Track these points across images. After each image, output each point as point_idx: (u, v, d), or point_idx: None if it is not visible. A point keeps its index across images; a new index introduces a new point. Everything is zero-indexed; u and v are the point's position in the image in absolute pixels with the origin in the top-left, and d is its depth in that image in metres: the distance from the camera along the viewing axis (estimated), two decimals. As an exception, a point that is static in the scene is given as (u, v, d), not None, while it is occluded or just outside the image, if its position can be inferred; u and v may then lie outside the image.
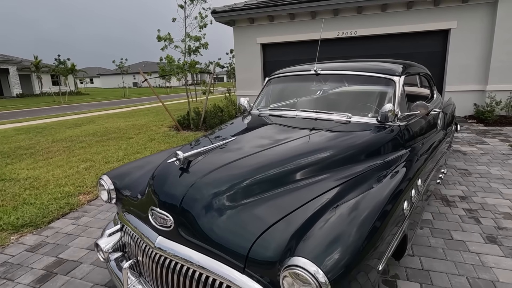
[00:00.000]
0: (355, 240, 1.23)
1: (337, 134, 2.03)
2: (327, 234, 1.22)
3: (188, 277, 1.38)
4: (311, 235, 1.22)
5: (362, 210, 1.39)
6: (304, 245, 1.16)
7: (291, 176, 1.60)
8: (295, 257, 1.10)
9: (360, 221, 1.32)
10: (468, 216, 2.86)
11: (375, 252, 1.30)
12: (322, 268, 1.07)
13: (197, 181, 1.46)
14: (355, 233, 1.25)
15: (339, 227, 1.27)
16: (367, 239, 1.26)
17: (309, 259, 1.09)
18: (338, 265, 1.12)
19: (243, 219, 1.38)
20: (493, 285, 1.99)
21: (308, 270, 1.07)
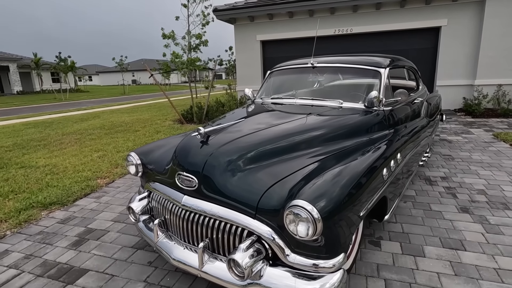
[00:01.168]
0: (342, 191, 1.59)
1: (330, 117, 2.39)
2: (320, 186, 1.59)
3: (209, 226, 1.75)
4: (308, 188, 1.59)
5: (349, 171, 1.76)
6: (302, 193, 1.53)
7: (290, 148, 1.96)
8: (296, 200, 1.47)
9: (346, 179, 1.69)
10: (447, 192, 3.24)
11: (357, 201, 1.67)
12: (316, 207, 1.44)
13: (215, 151, 1.82)
14: (342, 186, 1.62)
15: (330, 182, 1.64)
16: (351, 191, 1.63)
17: (306, 201, 1.45)
18: (328, 207, 1.49)
19: (253, 179, 1.74)
20: (460, 243, 2.37)
21: (306, 208, 1.43)
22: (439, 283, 1.96)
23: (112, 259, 2.38)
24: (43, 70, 31.85)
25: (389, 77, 2.79)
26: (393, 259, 2.21)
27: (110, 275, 2.19)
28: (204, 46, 8.64)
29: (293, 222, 1.48)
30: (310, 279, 1.53)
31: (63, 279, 2.17)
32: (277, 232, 1.57)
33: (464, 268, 2.08)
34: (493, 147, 4.69)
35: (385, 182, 2.01)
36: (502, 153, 4.38)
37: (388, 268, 2.11)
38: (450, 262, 2.14)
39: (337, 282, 1.53)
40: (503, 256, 2.18)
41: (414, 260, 2.18)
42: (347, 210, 1.59)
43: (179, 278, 2.12)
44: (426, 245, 2.35)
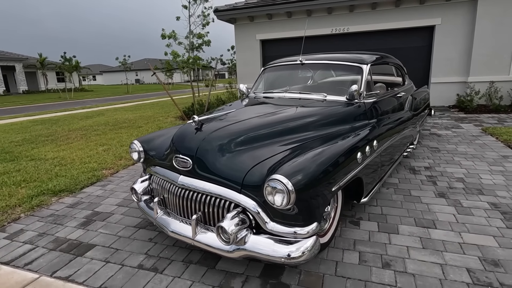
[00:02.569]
0: (315, 169, 1.84)
1: (312, 108, 2.64)
2: (296, 164, 1.84)
3: (201, 201, 2.01)
4: (285, 165, 1.83)
5: (323, 153, 2.00)
6: (280, 169, 1.78)
7: (274, 134, 2.19)
8: (274, 174, 1.72)
9: (320, 159, 1.93)
10: (428, 180, 3.47)
11: (329, 178, 1.91)
12: (291, 181, 1.68)
13: (207, 136, 2.08)
14: (316, 165, 1.87)
15: (305, 161, 1.88)
16: (323, 169, 1.88)
17: (283, 175, 1.70)
18: (302, 181, 1.73)
19: (239, 160, 1.98)
20: (432, 222, 2.60)
21: (282, 181, 1.68)
22: (407, 254, 2.19)
23: (116, 236, 2.64)
24: (48, 69, 32.30)
25: (371, 72, 3.02)
26: (369, 236, 2.44)
27: (115, 249, 2.45)
28: (207, 46, 8.89)
29: (271, 193, 1.73)
30: (287, 244, 1.78)
31: (73, 252, 2.43)
32: (258, 204, 1.82)
33: (432, 243, 2.31)
34: (480, 141, 4.90)
35: (359, 164, 2.24)
36: (487, 146, 4.59)
37: (363, 243, 2.35)
38: (420, 238, 2.38)
39: (310, 246, 1.77)
40: (469, 233, 2.41)
41: (388, 237, 2.42)
42: (319, 185, 1.83)
43: (176, 251, 2.37)
44: (401, 224, 2.59)
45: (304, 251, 1.76)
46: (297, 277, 2.01)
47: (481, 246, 2.24)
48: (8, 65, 31.37)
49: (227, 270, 2.12)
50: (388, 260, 2.14)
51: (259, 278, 2.02)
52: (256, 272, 2.09)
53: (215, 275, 2.08)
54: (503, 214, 2.66)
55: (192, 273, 2.11)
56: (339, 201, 2.41)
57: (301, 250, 1.76)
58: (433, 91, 8.18)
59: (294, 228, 1.79)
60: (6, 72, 32.01)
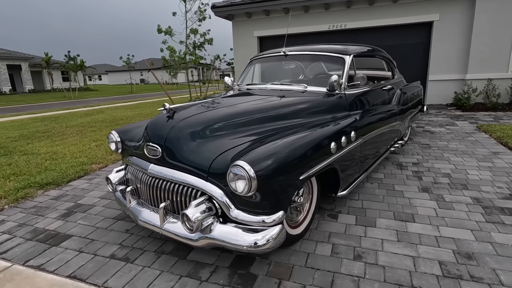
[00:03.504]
0: (280, 157, 1.81)
1: (291, 98, 2.61)
2: (261, 152, 1.82)
3: (170, 190, 2.00)
4: (251, 153, 1.81)
5: (292, 141, 1.98)
6: (244, 156, 1.76)
7: (245, 123, 2.17)
8: (237, 160, 1.70)
9: (287, 147, 1.91)
10: (414, 175, 3.42)
11: (296, 166, 1.89)
12: (254, 168, 1.66)
13: (176, 124, 2.07)
14: (282, 153, 1.85)
15: (272, 148, 1.86)
16: (290, 157, 1.86)
17: (245, 161, 1.68)
18: (264, 168, 1.71)
19: (207, 147, 1.97)
20: (411, 216, 2.56)
21: (244, 167, 1.66)
22: (381, 247, 2.16)
23: (94, 227, 2.65)
24: (53, 69, 32.66)
25: (354, 64, 2.99)
26: (345, 229, 2.41)
27: (90, 240, 2.45)
28: (209, 44, 8.91)
29: (233, 180, 1.71)
30: (252, 232, 1.76)
31: (49, 242, 2.44)
32: (224, 191, 1.80)
33: (407, 236, 2.27)
34: (472, 137, 4.82)
35: (333, 154, 2.21)
36: (479, 143, 4.52)
37: (338, 236, 2.32)
38: (397, 231, 2.34)
39: (275, 235, 1.75)
40: (446, 227, 2.36)
41: (364, 230, 2.39)
42: (284, 173, 1.81)
43: (151, 242, 2.37)
44: (379, 218, 2.55)
45: (269, 239, 1.74)
46: (266, 268, 1.99)
47: (457, 239, 2.20)
48: (14, 64, 31.76)
49: (197, 260, 2.11)
50: (361, 252, 2.11)
51: (228, 269, 2.01)
52: (226, 262, 2.07)
53: (185, 265, 2.07)
54: (484, 209, 2.61)
55: (162, 263, 2.11)
56: (315, 193, 2.38)
57: (266, 239, 1.74)
58: (431, 88, 8.10)
59: (259, 217, 1.78)
60: (13, 71, 32.41)
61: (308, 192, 2.34)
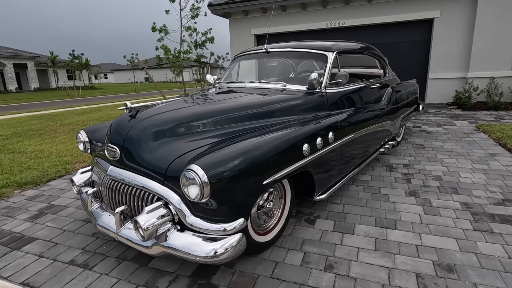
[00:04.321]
0: (240, 160, 1.66)
1: (266, 97, 2.46)
2: (219, 155, 1.68)
3: (128, 193, 1.87)
4: (208, 156, 1.67)
5: (256, 143, 1.83)
6: (200, 159, 1.62)
7: (209, 124, 2.02)
8: (191, 164, 1.57)
9: (249, 149, 1.76)
10: (403, 178, 3.25)
11: (261, 171, 1.74)
12: (207, 173, 1.53)
13: (136, 124, 1.94)
14: (242, 156, 1.70)
15: (232, 151, 1.72)
16: (251, 161, 1.71)
17: (199, 165, 1.55)
18: (220, 173, 1.57)
19: (166, 149, 1.84)
20: (394, 222, 2.40)
21: (197, 172, 1.53)
22: (356, 256, 2.01)
23: (61, 230, 2.54)
24: (59, 67, 32.89)
25: (338, 61, 2.83)
26: (321, 235, 2.26)
27: (54, 243, 2.34)
28: (211, 43, 8.75)
29: (186, 185, 1.58)
30: (211, 241, 1.63)
31: (11, 245, 2.34)
32: (180, 197, 1.67)
33: (386, 244, 2.12)
34: (470, 138, 4.62)
35: (306, 157, 2.06)
36: (476, 143, 4.32)
37: (312, 243, 2.17)
38: (375, 239, 2.19)
39: (234, 243, 1.62)
40: (430, 235, 2.20)
41: (341, 237, 2.23)
42: (244, 177, 1.66)
43: (114, 247, 2.25)
44: (359, 224, 2.40)
45: (228, 249, 1.61)
46: (229, 278, 1.86)
47: (439, 249, 2.04)
48: (20, 63, 32.09)
49: (158, 268, 1.99)
50: (333, 262, 1.96)
51: (189, 278, 1.88)
52: (188, 271, 1.95)
53: (145, 273, 1.95)
54: (473, 215, 2.44)
55: (121, 270, 1.99)
56: (288, 197, 2.24)
57: (224, 248, 1.60)
58: (431, 87, 7.86)
59: (216, 224, 1.64)
60: (19, 70, 32.75)
61: (280, 196, 2.19)
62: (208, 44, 8.34)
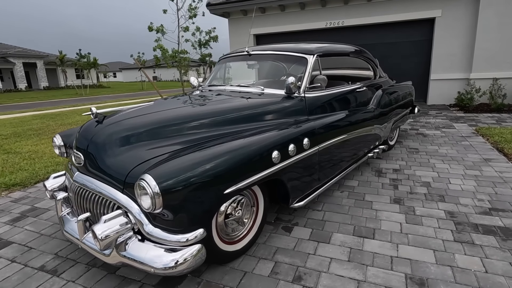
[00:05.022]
0: (198, 169, 1.61)
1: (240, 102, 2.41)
2: (176, 163, 1.63)
3: (92, 201, 1.85)
4: (166, 165, 1.62)
5: (224, 151, 1.78)
6: (154, 169, 1.58)
7: (180, 129, 1.98)
8: (143, 174, 1.53)
9: (214, 158, 1.71)
10: (390, 184, 3.16)
11: (223, 179, 1.69)
12: (160, 183, 1.48)
13: (99, 130, 1.91)
14: (206, 165, 1.65)
15: (190, 159, 1.67)
16: (215, 169, 1.66)
17: (151, 175, 1.51)
18: (174, 183, 1.52)
19: (128, 156, 1.79)
20: (372, 231, 2.32)
21: (148, 182, 1.49)
22: (327, 267, 1.95)
23: (39, 234, 2.54)
24: (67, 66, 33.34)
25: (319, 64, 2.76)
26: (296, 244, 2.21)
27: (29, 248, 2.34)
28: (215, 42, 8.74)
29: (139, 195, 1.54)
30: (169, 252, 1.59)
31: (-13, 249, 2.35)
32: (140, 206, 1.64)
33: (360, 255, 2.05)
34: (467, 142, 4.48)
35: (275, 164, 2.01)
36: (472, 147, 4.18)
37: (285, 252, 2.12)
38: (350, 249, 2.12)
39: (193, 255, 1.58)
40: (407, 245, 2.12)
41: (315, 246, 2.17)
42: (202, 187, 1.61)
43: (86, 253, 2.23)
44: (336, 232, 2.33)
45: (186, 259, 1.57)
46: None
47: (414, 261, 1.96)
48: (30, 62, 32.65)
49: (125, 276, 1.96)
50: (303, 273, 1.91)
51: (154, 287, 1.85)
52: (154, 280, 1.91)
53: (112, 280, 1.93)
54: (456, 225, 2.34)
55: (89, 277, 1.97)
56: (261, 205, 2.19)
57: (182, 259, 1.56)
58: (433, 88, 7.69)
59: (175, 235, 1.60)
60: (28, 68, 33.32)
61: (252, 204, 2.14)
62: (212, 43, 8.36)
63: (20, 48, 34.32)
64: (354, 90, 3.15)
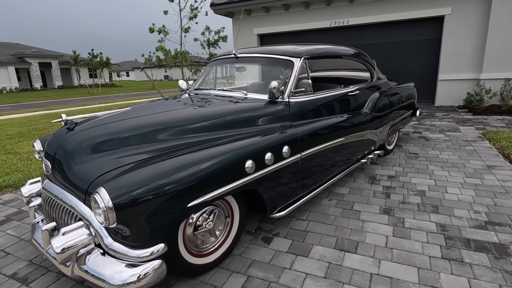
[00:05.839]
0: (159, 181, 1.53)
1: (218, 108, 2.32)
2: (138, 175, 1.55)
3: (59, 210, 1.81)
4: (125, 177, 1.54)
5: (188, 163, 1.69)
6: (111, 181, 1.51)
7: (152, 137, 1.91)
8: (99, 187, 1.46)
9: (177, 169, 1.62)
10: (382, 192, 3.01)
11: (186, 191, 1.61)
12: (112, 196, 1.41)
13: (67, 138, 1.86)
14: (166, 177, 1.57)
15: (152, 170, 1.59)
16: (177, 181, 1.58)
17: (106, 189, 1.44)
18: (131, 197, 1.45)
19: (93, 166, 1.72)
20: (355, 244, 2.20)
21: (101, 195, 1.42)
22: (301, 284, 1.84)
23: (18, 238, 2.53)
24: (80, 66, 34.03)
25: (307, 67, 2.64)
26: (273, 257, 2.11)
27: (5, 254, 2.32)
28: (224, 41, 8.72)
29: (94, 208, 1.48)
30: (131, 267, 1.52)
31: (-35, 254, 2.34)
32: (98, 218, 1.57)
33: (338, 271, 1.93)
34: (471, 146, 4.26)
35: (249, 174, 1.91)
36: (476, 153, 3.97)
37: (260, 266, 2.03)
38: (329, 264, 2.01)
39: (153, 269, 1.51)
40: (390, 262, 1.99)
41: (293, 259, 2.07)
42: (160, 201, 1.53)
43: (60, 260, 2.19)
44: (317, 245, 2.22)
45: (146, 275, 1.50)
46: (159, 303, 1.75)
47: (395, 280, 1.84)
48: (45, 61, 33.49)
49: (92, 286, 1.91)
50: (274, 289, 1.81)
51: (119, 300, 1.78)
52: (121, 292, 1.85)
53: (79, 291, 1.88)
54: (446, 240, 2.19)
55: (57, 287, 1.93)
56: (236, 216, 2.10)
57: (141, 274, 1.49)
58: (441, 89, 7.40)
59: (134, 250, 1.53)
60: (44, 68, 34.19)
61: (226, 214, 2.06)
62: (221, 42, 8.33)
63: (36, 48, 35.25)
64: (346, 93, 3.01)
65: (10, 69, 30.22)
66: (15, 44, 36.51)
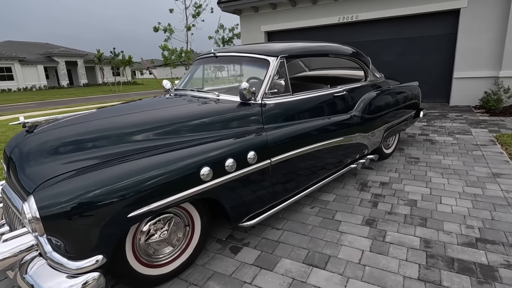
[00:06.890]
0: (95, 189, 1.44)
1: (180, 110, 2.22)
2: (74, 183, 1.48)
3: (12, 213, 1.79)
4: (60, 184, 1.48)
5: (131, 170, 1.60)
6: (43, 190, 1.45)
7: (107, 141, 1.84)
8: (29, 195, 1.41)
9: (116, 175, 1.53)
10: (370, 200, 2.82)
11: (127, 201, 1.52)
12: (39, 206, 1.36)
13: (22, 140, 1.83)
14: (104, 185, 1.48)
15: (93, 177, 1.52)
16: (116, 190, 1.50)
17: (35, 198, 1.38)
18: (62, 207, 1.38)
19: (39, 171, 1.66)
20: (327, 259, 2.05)
21: (29, 204, 1.37)
22: (256, 301, 1.72)
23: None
24: (104, 64, 35.12)
25: (286, 66, 2.49)
26: (236, 269, 2.00)
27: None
28: (238, 38, 8.67)
29: (25, 217, 1.43)
30: (71, 278, 1.47)
31: None
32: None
33: (300, 289, 1.80)
34: (480, 151, 3.93)
35: (205, 182, 1.80)
36: (484, 159, 3.65)
37: (220, 278, 1.92)
38: (293, 280, 1.87)
39: (91, 281, 1.44)
40: (359, 281, 1.83)
41: (256, 273, 1.95)
42: (95, 211, 1.45)
43: (26, 263, 2.19)
44: (285, 258, 2.08)
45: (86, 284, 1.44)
46: (106, 315, 1.69)
47: (359, 302, 1.68)
48: (71, 60, 34.88)
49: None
50: (228, 306, 1.70)
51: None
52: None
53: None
54: (428, 258, 1.99)
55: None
56: (197, 224, 2.00)
57: (80, 286, 1.43)
58: (456, 87, 6.95)
59: (71, 261, 1.47)
60: (70, 67, 35.61)
61: (186, 223, 1.96)
62: (235, 40, 8.26)
63: (63, 47, 36.75)
64: (331, 94, 2.83)
65: (39, 67, 31.70)
66: (44, 43, 38.24)
